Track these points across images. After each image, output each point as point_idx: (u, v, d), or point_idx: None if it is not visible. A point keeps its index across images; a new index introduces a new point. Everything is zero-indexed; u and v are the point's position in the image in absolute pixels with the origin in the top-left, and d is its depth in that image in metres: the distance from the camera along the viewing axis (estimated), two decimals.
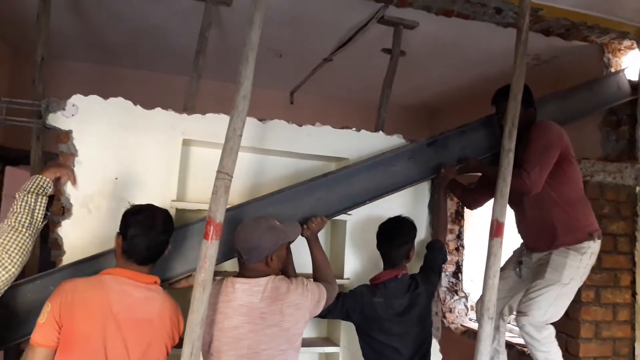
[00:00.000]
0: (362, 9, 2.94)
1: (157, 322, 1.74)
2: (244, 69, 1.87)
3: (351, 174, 2.42)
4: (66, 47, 3.89)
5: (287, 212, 2.24)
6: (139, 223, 1.77)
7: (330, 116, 4.18)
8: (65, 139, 2.18)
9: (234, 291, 1.84)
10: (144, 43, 3.78)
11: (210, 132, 2.39)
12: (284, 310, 1.83)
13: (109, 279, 1.72)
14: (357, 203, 2.42)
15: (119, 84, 4.23)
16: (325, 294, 1.98)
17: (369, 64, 3.85)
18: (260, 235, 1.87)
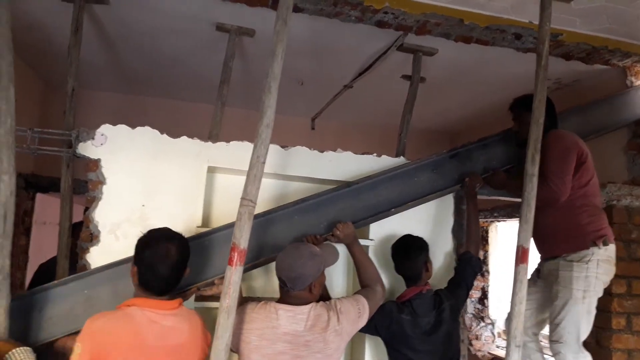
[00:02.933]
0: (382, 37, 2.99)
1: (188, 345, 1.77)
2: (267, 98, 1.92)
3: (374, 184, 2.46)
4: (95, 78, 4.02)
5: (311, 220, 2.30)
6: (152, 256, 1.74)
7: (351, 141, 4.23)
8: (94, 167, 2.25)
9: (277, 318, 1.84)
10: (170, 73, 3.89)
11: (234, 159, 2.45)
12: (327, 338, 1.84)
13: (135, 311, 1.71)
14: (380, 212, 2.43)
15: (146, 112, 4.36)
16: (365, 304, 1.99)
17: (388, 89, 3.89)
18: (304, 263, 1.88)
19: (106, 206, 2.23)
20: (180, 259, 1.79)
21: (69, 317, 1.93)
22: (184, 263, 1.81)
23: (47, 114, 4.02)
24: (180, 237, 1.84)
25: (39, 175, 3.76)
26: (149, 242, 1.77)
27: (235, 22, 2.90)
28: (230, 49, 2.95)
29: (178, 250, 1.78)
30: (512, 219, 4.68)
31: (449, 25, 2.75)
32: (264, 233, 2.21)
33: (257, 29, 2.96)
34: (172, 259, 1.76)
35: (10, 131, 1.72)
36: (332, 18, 2.70)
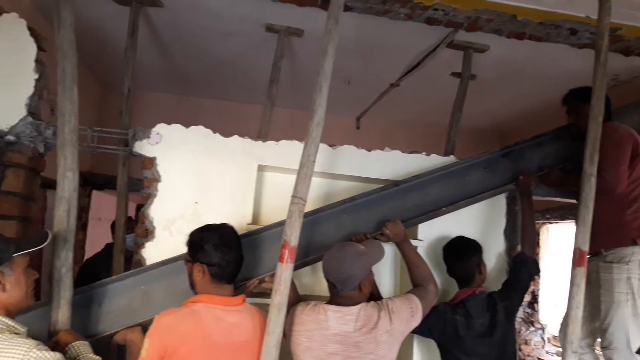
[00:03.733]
0: (431, 34, 2.95)
1: (252, 341, 1.78)
2: (318, 97, 1.93)
3: (424, 183, 2.43)
4: (148, 79, 4.15)
5: (360, 219, 2.29)
6: (221, 245, 1.77)
7: (396, 140, 4.20)
8: (149, 165, 2.32)
9: (327, 319, 1.83)
10: (220, 74, 3.97)
11: (283, 158, 2.47)
12: (378, 339, 1.81)
13: (202, 308, 1.72)
14: (430, 211, 2.39)
15: (196, 113, 4.47)
16: (418, 303, 1.95)
17: (436, 87, 3.84)
18: (352, 263, 1.86)
19: (161, 203, 2.30)
20: (240, 242, 1.84)
21: (126, 312, 2.00)
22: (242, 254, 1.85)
23: (103, 113, 4.18)
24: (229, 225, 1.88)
25: (95, 173, 3.91)
26: (210, 238, 1.79)
27: (285, 23, 2.94)
28: (279, 49, 2.99)
29: (236, 235, 1.84)
30: (564, 220, 4.53)
31: (501, 21, 2.69)
32: (313, 232, 2.22)
33: (306, 28, 2.98)
34: (236, 242, 1.82)
35: (74, 130, 1.80)
36: (381, 16, 2.69)
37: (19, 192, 2.18)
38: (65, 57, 1.79)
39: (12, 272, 1.50)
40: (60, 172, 1.79)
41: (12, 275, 1.49)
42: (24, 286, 1.54)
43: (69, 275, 1.79)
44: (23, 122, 2.20)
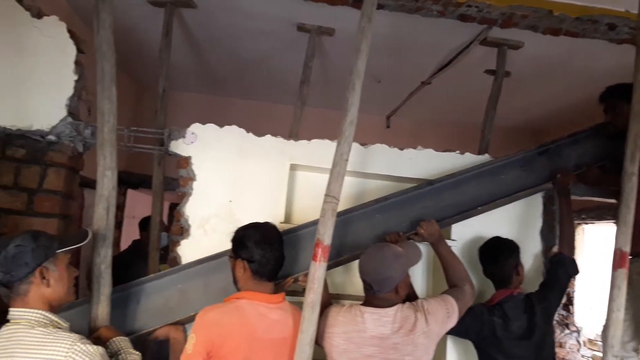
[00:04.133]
0: (464, 31, 2.91)
1: (292, 339, 1.79)
2: (351, 95, 1.92)
3: (458, 182, 2.39)
4: (181, 79, 4.22)
5: (393, 219, 2.27)
6: (262, 242, 1.79)
7: (426, 139, 4.14)
8: (185, 165, 2.35)
9: (363, 321, 1.82)
10: (251, 74, 4.01)
11: (315, 157, 2.48)
12: (416, 341, 1.80)
13: (245, 304, 1.75)
14: (465, 210, 2.35)
15: (227, 113, 4.53)
16: (454, 304, 1.93)
17: (469, 85, 3.79)
18: (390, 265, 1.84)
19: (196, 201, 2.34)
20: (282, 239, 1.86)
21: (163, 310, 2.03)
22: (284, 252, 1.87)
23: (138, 114, 4.27)
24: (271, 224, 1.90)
25: (130, 172, 3.98)
26: (253, 235, 1.81)
27: (316, 22, 2.94)
28: (310, 49, 3.00)
29: (278, 232, 1.87)
30: (602, 221, 4.41)
31: (537, 17, 2.63)
32: (346, 231, 2.21)
33: (337, 27, 2.98)
34: (278, 239, 1.84)
35: (112, 129, 1.84)
36: (413, 13, 2.66)
37: (59, 190, 2.25)
38: (104, 57, 1.83)
39: (56, 268, 1.54)
40: (100, 170, 1.83)
41: (55, 271, 1.54)
42: (67, 282, 1.58)
43: (108, 272, 1.83)
44: (63, 122, 2.26)
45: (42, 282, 1.50)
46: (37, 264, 1.49)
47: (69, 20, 2.39)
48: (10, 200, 2.21)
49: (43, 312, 1.49)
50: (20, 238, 1.50)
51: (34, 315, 1.47)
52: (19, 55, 2.26)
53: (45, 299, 1.51)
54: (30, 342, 1.40)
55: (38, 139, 2.25)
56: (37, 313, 1.48)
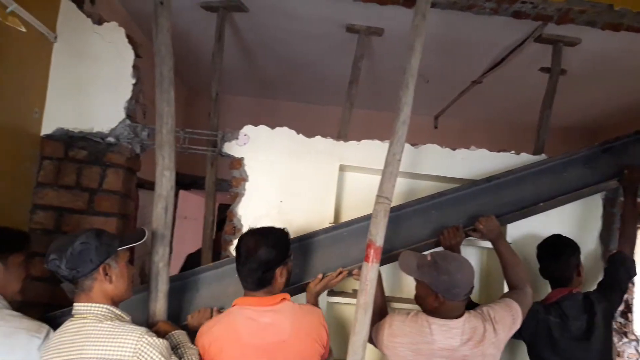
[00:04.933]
0: (518, 28, 2.83)
1: (291, 341, 1.70)
2: (404, 95, 1.90)
3: (518, 179, 2.34)
4: (231, 82, 4.30)
5: (449, 215, 2.23)
6: (238, 253, 1.78)
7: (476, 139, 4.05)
8: (237, 165, 2.40)
9: (431, 332, 1.76)
10: (300, 77, 4.04)
11: (364, 157, 2.47)
12: (485, 351, 1.75)
13: (236, 309, 1.74)
14: (526, 207, 2.27)
15: (276, 115, 4.58)
16: (518, 309, 1.87)
17: (522, 84, 3.69)
18: (462, 274, 1.78)
19: (248, 202, 2.38)
20: (266, 257, 1.72)
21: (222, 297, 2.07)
22: (272, 261, 1.74)
23: (189, 116, 4.37)
24: (270, 236, 1.80)
25: (181, 174, 4.05)
26: (239, 241, 1.81)
27: (365, 23, 2.93)
28: (359, 50, 2.99)
29: (264, 249, 1.73)
30: None
31: (596, 12, 2.53)
32: (399, 227, 2.19)
33: (386, 27, 2.96)
34: (255, 257, 1.72)
35: (171, 131, 1.89)
36: (465, 11, 2.61)
37: (118, 190, 2.33)
38: (163, 61, 1.88)
39: (117, 265, 1.60)
40: (159, 171, 1.88)
41: (117, 268, 1.59)
42: (127, 279, 1.64)
43: (166, 270, 1.88)
44: (122, 124, 2.35)
45: (105, 279, 1.56)
46: (100, 261, 1.55)
47: (125, 25, 2.47)
48: (73, 199, 2.30)
49: (108, 307, 1.54)
50: (85, 235, 1.55)
51: (100, 310, 1.53)
52: (81, 60, 2.36)
53: (108, 294, 1.56)
54: (100, 335, 1.45)
55: (98, 141, 2.34)
56: (103, 307, 1.53)
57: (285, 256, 1.80)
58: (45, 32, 2.21)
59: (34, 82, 2.26)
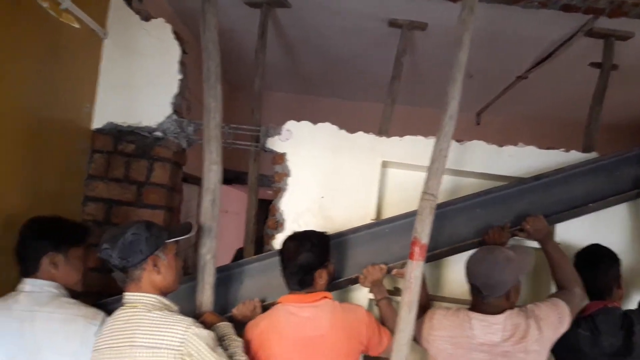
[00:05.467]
0: (567, 22, 2.74)
1: (329, 336, 1.77)
2: (451, 89, 1.87)
3: (567, 177, 2.26)
4: (272, 79, 4.32)
5: (495, 213, 2.19)
6: (281, 256, 1.89)
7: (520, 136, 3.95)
8: (280, 161, 2.42)
9: (471, 327, 1.76)
10: (341, 73, 4.04)
11: (407, 154, 2.44)
12: (528, 348, 1.72)
13: (279, 307, 1.85)
14: (575, 207, 2.21)
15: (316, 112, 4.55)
16: (565, 309, 1.82)
17: (571, 79, 3.57)
18: (502, 268, 1.76)
19: (290, 197, 2.39)
20: (305, 262, 1.83)
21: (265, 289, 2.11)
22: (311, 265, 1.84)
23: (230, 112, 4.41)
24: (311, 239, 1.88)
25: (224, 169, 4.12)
26: (282, 245, 1.91)
27: (408, 17, 2.90)
28: (401, 44, 2.96)
29: (304, 254, 1.84)
30: None
31: None
32: (442, 225, 2.14)
33: (430, 22, 2.92)
34: (296, 260, 1.83)
35: (218, 125, 1.92)
36: (512, 5, 2.54)
37: (165, 183, 2.38)
38: (210, 56, 1.91)
39: (166, 257, 1.63)
40: (206, 165, 1.91)
41: (165, 259, 1.63)
42: (175, 270, 1.67)
43: (213, 262, 1.91)
44: (169, 119, 2.39)
45: (154, 270, 1.59)
46: (150, 252, 1.58)
47: (171, 21, 2.51)
48: (122, 192, 2.37)
49: (157, 297, 1.58)
50: (136, 227, 1.59)
51: (149, 299, 1.57)
52: (130, 56, 2.41)
53: (156, 285, 1.60)
54: (150, 324, 1.49)
55: (146, 135, 2.40)
56: (152, 297, 1.57)
57: (325, 259, 1.89)
58: (96, 28, 2.27)
59: (85, 77, 2.33)
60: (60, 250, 1.70)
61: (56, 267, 1.69)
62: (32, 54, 1.89)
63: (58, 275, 1.69)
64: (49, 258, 1.68)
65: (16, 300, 1.63)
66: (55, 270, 1.69)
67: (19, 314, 1.59)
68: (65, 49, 2.10)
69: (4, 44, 1.72)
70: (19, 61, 1.82)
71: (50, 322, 1.60)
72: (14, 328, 1.57)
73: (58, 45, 2.05)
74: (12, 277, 1.70)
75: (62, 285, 1.70)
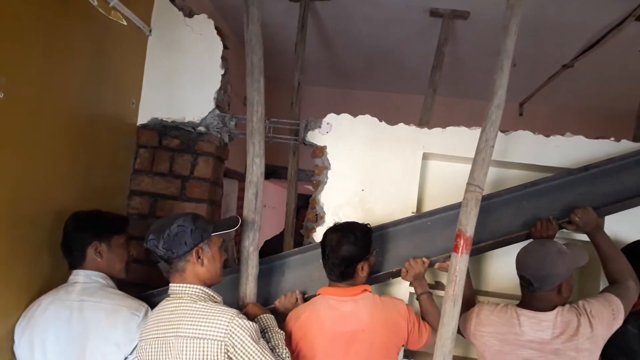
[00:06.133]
0: (616, 7, 2.64)
1: (369, 330, 1.77)
2: (499, 77, 1.83)
3: (618, 168, 2.17)
4: (311, 73, 4.32)
5: (542, 205, 2.13)
6: (323, 248, 1.88)
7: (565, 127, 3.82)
8: (320, 154, 2.41)
9: (519, 324, 1.72)
10: (378, 65, 4.00)
11: (449, 145, 2.39)
12: (579, 346, 1.67)
13: (320, 298, 1.86)
14: (626, 198, 2.13)
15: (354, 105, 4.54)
16: (619, 304, 1.75)
17: (620, 67, 3.43)
18: (553, 261, 1.72)
19: (330, 190, 2.38)
20: (348, 254, 1.82)
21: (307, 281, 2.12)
22: (354, 257, 1.83)
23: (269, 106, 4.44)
24: (354, 231, 1.87)
25: None
26: (324, 236, 1.90)
27: (449, 6, 2.84)
28: (443, 34, 2.91)
29: (346, 246, 1.82)
30: None
31: None
32: (487, 217, 2.10)
33: (472, 10, 2.86)
34: (340, 252, 1.82)
35: (261, 119, 1.93)
36: None
37: (208, 178, 2.42)
38: (253, 50, 1.92)
39: (210, 250, 1.65)
40: (250, 158, 1.93)
41: (209, 252, 1.64)
42: (218, 263, 1.68)
43: (255, 254, 1.93)
44: (211, 114, 2.42)
45: (197, 262, 1.61)
46: (194, 244, 1.60)
47: (212, 17, 2.54)
48: (166, 186, 2.42)
49: (201, 287, 1.60)
50: (182, 219, 1.62)
51: (194, 290, 1.59)
52: (173, 52, 2.45)
53: (200, 276, 1.62)
54: (195, 315, 1.51)
55: (190, 130, 2.44)
56: (197, 288, 1.59)
57: (367, 252, 1.87)
58: (142, 25, 2.32)
59: (131, 74, 2.38)
60: (102, 239, 1.79)
61: (101, 256, 1.78)
62: (81, 51, 1.94)
63: (103, 264, 1.78)
64: (93, 248, 1.77)
65: (67, 290, 1.71)
66: (101, 259, 1.78)
67: (70, 304, 1.68)
68: (112, 46, 2.15)
69: (54, 42, 1.78)
70: (69, 59, 1.87)
71: (97, 312, 1.68)
72: (64, 316, 1.66)
73: (106, 42, 2.10)
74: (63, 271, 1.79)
75: (108, 275, 1.79)
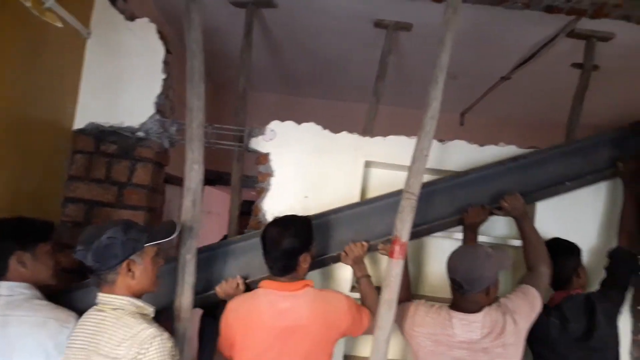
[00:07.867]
0: (549, 23, 2.77)
1: (310, 326, 1.77)
2: (433, 89, 1.89)
3: (544, 159, 2.32)
4: (257, 79, 4.32)
5: (473, 193, 2.24)
6: (263, 242, 1.86)
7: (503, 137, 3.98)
8: (264, 161, 2.41)
9: (452, 326, 1.79)
10: (326, 73, 4.05)
11: (390, 154, 2.45)
12: (506, 342, 1.76)
13: (260, 292, 1.84)
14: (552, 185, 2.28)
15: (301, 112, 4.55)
16: (535, 293, 1.88)
17: (552, 80, 3.61)
18: (482, 264, 1.79)
19: (273, 196, 2.38)
20: (289, 247, 1.81)
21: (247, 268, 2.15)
22: (296, 250, 1.83)
23: (214, 112, 4.41)
24: (294, 224, 1.88)
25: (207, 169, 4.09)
26: (263, 231, 1.89)
27: (394, 18, 2.91)
28: (387, 45, 2.97)
29: (287, 239, 1.82)
30: None
31: (632, 5, 2.46)
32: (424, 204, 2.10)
33: (415, 22, 2.93)
34: (281, 245, 1.81)
35: (200, 125, 1.91)
36: (496, 6, 2.57)
37: (147, 184, 2.36)
38: (194, 55, 1.90)
39: (142, 261, 1.59)
40: (188, 164, 1.91)
41: (141, 264, 1.59)
42: (151, 274, 1.63)
43: (193, 262, 1.90)
44: (151, 119, 2.37)
45: (128, 274, 1.56)
46: (125, 257, 1.55)
47: (155, 21, 2.49)
48: (102, 192, 2.35)
49: (129, 299, 1.55)
50: (113, 230, 1.55)
51: (122, 303, 1.54)
52: (113, 56, 2.39)
53: (130, 288, 1.57)
54: (115, 333, 1.47)
55: (128, 135, 2.37)
56: (125, 300, 1.55)
57: (308, 244, 1.88)
58: (80, 28, 2.25)
59: (68, 77, 2.31)
60: (26, 248, 1.69)
61: (25, 266, 1.67)
62: (13, 53, 1.86)
63: (27, 275, 1.68)
64: (16, 257, 1.66)
65: None
66: (24, 269, 1.67)
67: None
68: (47, 48, 2.08)
69: None
70: (0, 60, 1.79)
71: (22, 326, 1.58)
72: None
73: (40, 44, 2.03)
74: None
75: (33, 284, 1.68)
